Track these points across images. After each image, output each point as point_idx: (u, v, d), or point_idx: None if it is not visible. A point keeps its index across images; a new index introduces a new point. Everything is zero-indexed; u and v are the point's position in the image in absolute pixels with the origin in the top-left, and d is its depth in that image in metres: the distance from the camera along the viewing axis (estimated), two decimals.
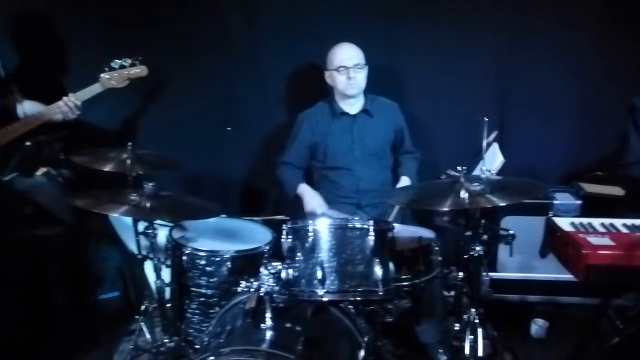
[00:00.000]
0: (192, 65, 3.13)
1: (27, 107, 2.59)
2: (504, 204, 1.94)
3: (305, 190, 2.78)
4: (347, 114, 2.83)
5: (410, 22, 3.07)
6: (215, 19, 3.09)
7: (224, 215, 2.59)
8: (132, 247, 2.95)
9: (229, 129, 3.12)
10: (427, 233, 2.33)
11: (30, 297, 2.81)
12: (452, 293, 2.34)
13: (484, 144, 2.39)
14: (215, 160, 3.09)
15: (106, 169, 2.29)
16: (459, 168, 2.06)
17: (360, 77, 2.73)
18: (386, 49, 3.09)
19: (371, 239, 1.84)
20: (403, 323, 2.25)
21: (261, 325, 1.82)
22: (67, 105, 2.51)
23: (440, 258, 2.25)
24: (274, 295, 1.86)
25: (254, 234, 2.55)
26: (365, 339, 1.98)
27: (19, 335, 2.77)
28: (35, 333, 2.82)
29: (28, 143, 2.21)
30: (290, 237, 1.91)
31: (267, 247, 2.41)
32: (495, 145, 2.78)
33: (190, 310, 2.39)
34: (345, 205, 2.79)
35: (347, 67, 2.68)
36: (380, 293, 1.83)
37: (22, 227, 2.77)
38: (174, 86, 3.12)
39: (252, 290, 1.87)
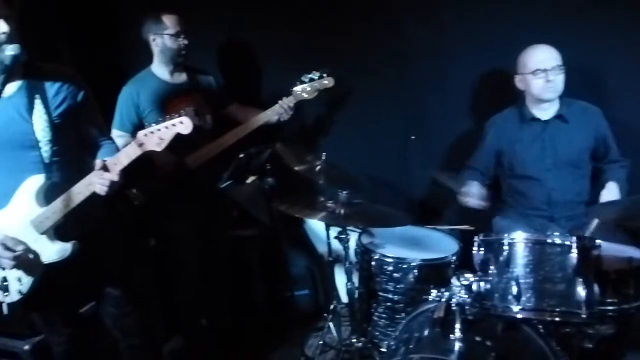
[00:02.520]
0: (375, 74, 3.21)
1: (245, 113, 2.94)
2: None
3: (468, 184, 2.61)
4: (538, 119, 2.67)
5: (612, 16, 2.77)
6: (397, 29, 3.15)
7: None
8: (321, 249, 3.19)
9: (412, 137, 3.19)
10: (638, 253, 2.10)
11: (235, 289, 3.20)
12: None
13: None
14: (399, 168, 3.15)
15: (298, 168, 2.47)
16: None
17: (559, 80, 2.55)
18: (582, 48, 2.83)
19: (573, 256, 1.72)
20: (604, 351, 2.06)
21: (450, 335, 1.82)
22: (283, 107, 2.80)
23: None
24: (465, 307, 1.85)
25: (440, 243, 2.56)
26: None
27: (225, 322, 3.18)
28: (238, 321, 3.20)
29: (241, 155, 2.52)
30: (483, 249, 1.88)
31: (454, 258, 2.40)
32: None
33: (377, 314, 2.49)
34: (537, 218, 2.64)
35: (546, 69, 2.53)
36: (584, 316, 1.70)
37: (231, 228, 3.18)
38: (357, 95, 3.25)
39: (442, 299, 1.88)
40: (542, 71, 2.53)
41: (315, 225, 3.15)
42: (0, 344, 2.55)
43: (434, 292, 2.03)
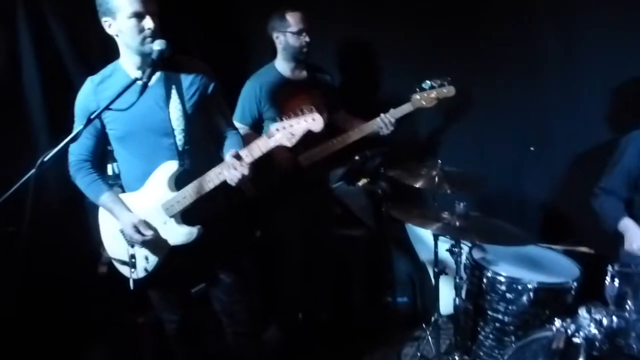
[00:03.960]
0: (497, 83, 3.09)
1: (349, 122, 2.95)
2: None
3: (628, 226, 2.41)
4: None
5: None
6: (527, 38, 2.99)
7: None
8: (423, 256, 3.11)
9: (532, 148, 3.02)
10: None
11: (335, 287, 3.21)
12: None
13: None
14: (516, 180, 3.00)
15: (417, 185, 2.44)
16: None
17: None
18: None
19: None
20: None
21: None
22: (383, 121, 2.76)
23: None
24: (595, 343, 1.70)
25: (558, 266, 2.39)
26: None
27: (322, 318, 3.20)
28: (335, 319, 3.22)
29: (357, 157, 2.51)
30: (618, 281, 1.73)
31: (575, 284, 2.24)
32: None
33: (483, 333, 2.38)
34: None
35: None
36: None
37: (334, 226, 3.19)
38: (477, 103, 3.13)
39: (568, 330, 1.75)
40: None
41: (420, 231, 3.07)
42: (117, 316, 2.74)
43: (558, 322, 1.89)
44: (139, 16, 1.90)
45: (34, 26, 2.65)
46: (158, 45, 1.91)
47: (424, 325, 2.87)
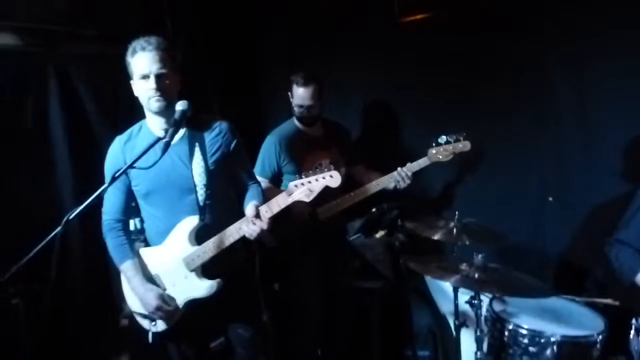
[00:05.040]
0: (513, 136, 3.13)
1: (366, 176, 3.00)
2: None
3: None
4: None
5: None
6: (540, 91, 3.05)
7: None
8: (444, 308, 3.07)
9: (550, 199, 3.01)
10: None
11: (354, 340, 3.16)
12: None
13: None
14: (534, 231, 2.99)
15: (435, 237, 2.45)
16: None
17: None
18: None
19: None
20: None
21: None
22: (400, 175, 2.80)
23: None
24: None
25: (582, 318, 2.34)
26: None
27: None
28: None
29: (374, 209, 2.55)
30: None
31: (600, 337, 2.18)
32: None
33: None
34: None
35: None
36: None
37: (353, 278, 3.18)
38: (494, 156, 3.16)
39: None
40: None
41: (440, 283, 3.04)
42: None
43: None
44: (146, 77, 2.01)
45: (64, 93, 2.78)
46: (180, 106, 2.01)
47: None
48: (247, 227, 2.01)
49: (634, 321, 1.75)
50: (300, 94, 2.83)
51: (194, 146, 2.12)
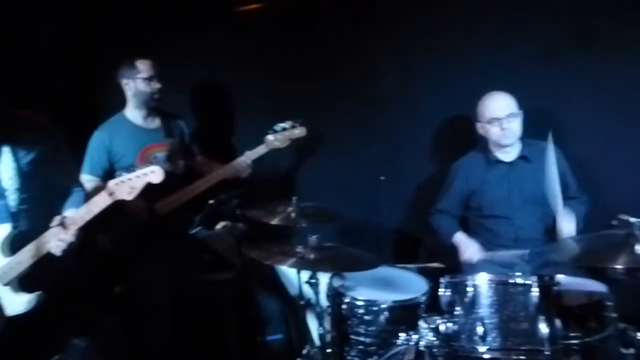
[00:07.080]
0: (347, 118, 3.33)
1: (207, 167, 2.98)
2: None
3: (461, 239, 2.75)
4: (503, 161, 2.77)
5: (572, 62, 2.94)
6: (370, 72, 3.28)
7: None
8: (293, 292, 3.18)
9: (382, 178, 3.26)
10: (598, 287, 2.16)
11: (206, 333, 3.14)
12: (632, 351, 2.10)
13: None
14: (371, 209, 3.21)
15: (273, 222, 2.51)
16: (632, 219, 1.89)
17: (515, 126, 2.66)
18: (545, 90, 2.98)
19: (535, 295, 1.78)
20: None
21: None
22: (240, 164, 2.84)
23: (615, 315, 2.06)
24: (434, 350, 1.87)
25: (411, 284, 2.57)
26: None
27: None
28: None
29: (211, 201, 2.54)
30: (449, 290, 1.92)
31: (424, 298, 2.42)
32: None
33: (349, 358, 2.46)
34: None
35: (500, 118, 2.64)
36: (547, 353, 1.75)
37: (202, 272, 3.15)
38: (330, 140, 3.34)
39: (411, 343, 1.89)
40: (496, 120, 2.65)
41: (285, 268, 3.14)
42: None
43: (402, 335, 2.04)
44: None
45: None
46: None
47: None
48: (53, 242, 1.88)
49: (442, 279, 1.97)
50: (146, 66, 2.77)
51: (2, 145, 1.93)
